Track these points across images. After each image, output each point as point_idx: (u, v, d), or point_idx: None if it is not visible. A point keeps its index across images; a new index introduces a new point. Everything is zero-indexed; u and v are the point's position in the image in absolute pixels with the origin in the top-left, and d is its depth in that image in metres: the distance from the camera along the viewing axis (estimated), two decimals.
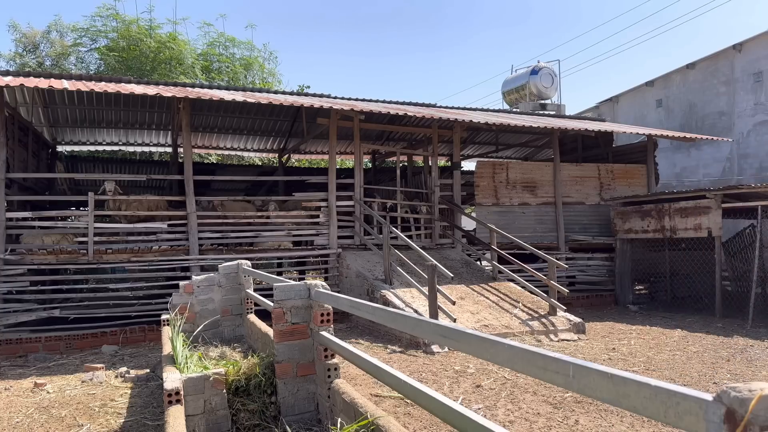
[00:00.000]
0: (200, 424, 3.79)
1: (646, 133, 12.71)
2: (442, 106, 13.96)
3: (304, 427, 3.92)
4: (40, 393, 5.71)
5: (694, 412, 1.09)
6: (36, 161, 11.36)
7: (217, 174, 14.63)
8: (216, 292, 6.65)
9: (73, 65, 20.80)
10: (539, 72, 18.97)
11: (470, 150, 16.47)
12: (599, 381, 1.32)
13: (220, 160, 19.19)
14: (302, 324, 3.95)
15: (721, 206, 9.93)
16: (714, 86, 15.62)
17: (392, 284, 8.81)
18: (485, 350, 1.85)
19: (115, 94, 8.96)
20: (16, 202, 9.01)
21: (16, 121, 9.88)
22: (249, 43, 23.31)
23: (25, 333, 8.20)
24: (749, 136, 14.70)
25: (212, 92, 10.50)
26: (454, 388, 5.30)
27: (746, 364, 6.27)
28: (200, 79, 19.83)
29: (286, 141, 14.91)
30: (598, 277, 12.20)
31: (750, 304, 9.13)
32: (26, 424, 4.72)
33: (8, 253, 8.36)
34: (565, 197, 12.39)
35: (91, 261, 8.74)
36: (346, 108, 10.30)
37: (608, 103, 19.06)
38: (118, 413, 4.93)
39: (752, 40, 14.72)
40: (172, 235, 9.44)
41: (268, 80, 23.45)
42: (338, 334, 3.90)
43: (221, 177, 13.11)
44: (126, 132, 13.77)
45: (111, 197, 9.33)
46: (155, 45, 19.77)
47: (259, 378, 4.11)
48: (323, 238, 10.34)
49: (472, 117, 11.16)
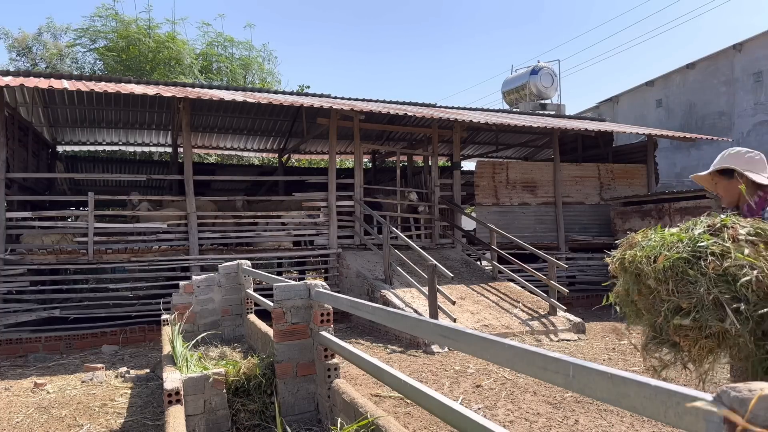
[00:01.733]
0: (200, 424, 3.79)
1: (646, 133, 12.71)
2: (442, 106, 13.96)
3: (304, 427, 3.92)
4: (40, 393, 5.71)
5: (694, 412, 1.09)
6: (36, 161, 11.36)
7: (217, 174, 14.62)
8: (216, 292, 6.64)
9: (68, 67, 20.78)
10: (539, 72, 18.97)
11: (470, 150, 16.47)
12: (599, 381, 1.32)
13: (219, 160, 19.19)
14: (302, 324, 3.95)
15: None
16: (714, 86, 15.62)
17: (392, 284, 8.81)
18: (485, 350, 1.85)
19: (115, 94, 8.96)
20: (16, 202, 9.01)
21: (16, 121, 9.88)
22: (248, 43, 23.34)
23: (25, 333, 8.20)
24: (749, 136, 14.70)
25: (212, 92, 10.50)
26: (454, 388, 5.30)
27: None
28: (199, 79, 19.82)
29: (286, 141, 14.91)
30: (599, 277, 12.20)
31: None
32: (26, 424, 4.72)
33: (8, 253, 8.36)
34: (565, 197, 12.39)
35: (91, 261, 8.74)
36: (346, 108, 10.30)
37: (608, 103, 19.06)
38: (118, 413, 4.93)
39: (752, 40, 14.72)
40: (172, 235, 9.44)
41: (267, 80, 23.44)
42: (338, 334, 3.90)
43: (221, 177, 13.11)
44: (126, 132, 13.77)
45: (142, 213, 9.63)
46: (154, 45, 19.76)
47: (259, 378, 4.11)
48: (323, 238, 10.34)
49: (472, 117, 11.16)
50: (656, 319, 2.07)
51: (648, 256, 2.11)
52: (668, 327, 2.00)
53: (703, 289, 1.91)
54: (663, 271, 2.03)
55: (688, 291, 1.95)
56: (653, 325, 2.10)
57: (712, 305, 1.89)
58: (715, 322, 1.87)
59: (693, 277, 1.95)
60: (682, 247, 2.06)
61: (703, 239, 2.04)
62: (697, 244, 2.03)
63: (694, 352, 1.99)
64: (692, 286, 1.95)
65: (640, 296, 2.13)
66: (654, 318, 2.09)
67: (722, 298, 1.88)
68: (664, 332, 2.05)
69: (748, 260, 1.90)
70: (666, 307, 2.01)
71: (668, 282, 2.01)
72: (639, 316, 2.24)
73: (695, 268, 1.97)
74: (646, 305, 2.12)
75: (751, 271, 1.87)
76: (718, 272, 1.92)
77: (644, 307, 2.13)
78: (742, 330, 1.83)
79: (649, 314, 2.11)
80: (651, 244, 2.16)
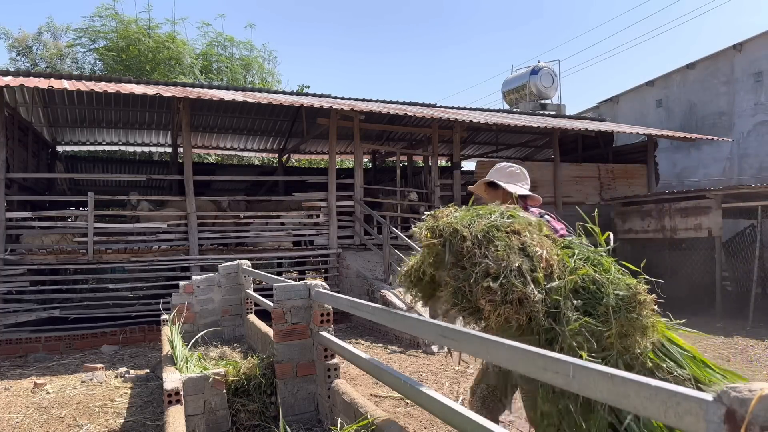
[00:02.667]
0: (200, 424, 3.79)
1: (646, 133, 12.71)
2: (442, 106, 13.96)
3: (304, 427, 3.91)
4: (40, 393, 5.71)
5: (695, 413, 1.09)
6: (36, 161, 11.36)
7: (217, 174, 14.62)
8: (216, 292, 6.64)
9: (68, 67, 20.78)
10: (539, 72, 18.95)
11: (470, 150, 16.47)
12: (599, 381, 1.32)
13: (219, 160, 19.18)
14: (302, 324, 3.95)
15: (721, 206, 9.93)
16: (714, 86, 15.61)
17: (392, 284, 8.81)
18: (485, 350, 1.85)
19: (115, 94, 8.96)
20: (16, 202, 9.01)
21: (16, 121, 9.88)
22: (248, 43, 23.32)
23: (25, 333, 8.19)
24: (749, 136, 14.69)
25: (212, 92, 10.50)
26: (454, 388, 5.30)
27: (746, 365, 6.28)
28: (199, 79, 19.81)
29: (286, 141, 14.91)
30: None
31: (750, 305, 9.12)
32: (26, 424, 4.71)
33: (8, 253, 8.36)
34: (565, 197, 12.38)
35: (90, 261, 8.73)
36: (346, 108, 10.29)
37: (608, 103, 19.05)
38: (118, 413, 4.93)
39: (752, 40, 14.72)
40: (171, 235, 9.44)
41: (267, 80, 23.43)
42: (338, 334, 3.90)
43: (221, 177, 13.11)
44: (126, 132, 13.77)
45: (142, 213, 9.69)
46: (154, 45, 19.75)
47: (259, 378, 4.11)
48: (323, 238, 10.33)
49: (472, 117, 11.16)
50: (463, 285, 2.28)
51: (463, 224, 2.35)
52: (477, 289, 2.21)
53: (513, 255, 2.22)
54: (480, 234, 2.30)
55: (497, 256, 2.22)
56: (458, 291, 2.30)
57: (517, 272, 2.19)
58: (520, 285, 2.16)
59: (504, 246, 2.25)
60: (494, 218, 2.38)
61: (507, 216, 2.41)
62: (501, 220, 2.38)
63: (492, 319, 2.19)
64: (501, 252, 2.24)
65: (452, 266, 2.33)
66: (460, 284, 2.29)
67: (524, 266, 2.21)
68: (470, 297, 2.25)
69: (537, 239, 2.34)
70: (478, 269, 2.23)
71: (481, 247, 2.26)
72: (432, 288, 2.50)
73: (503, 239, 2.28)
74: (454, 273, 2.32)
75: (541, 248, 2.28)
76: (519, 246, 2.28)
77: (451, 276, 2.33)
78: (538, 297, 2.16)
79: (455, 281, 2.31)
80: (460, 216, 2.44)
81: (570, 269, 2.30)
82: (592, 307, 2.21)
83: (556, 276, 2.26)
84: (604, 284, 2.25)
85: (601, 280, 2.26)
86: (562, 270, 2.29)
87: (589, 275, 2.28)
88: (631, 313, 2.14)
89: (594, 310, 2.21)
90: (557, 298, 2.20)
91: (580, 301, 2.23)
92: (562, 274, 2.28)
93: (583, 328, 2.15)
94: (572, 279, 2.25)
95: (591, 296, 2.25)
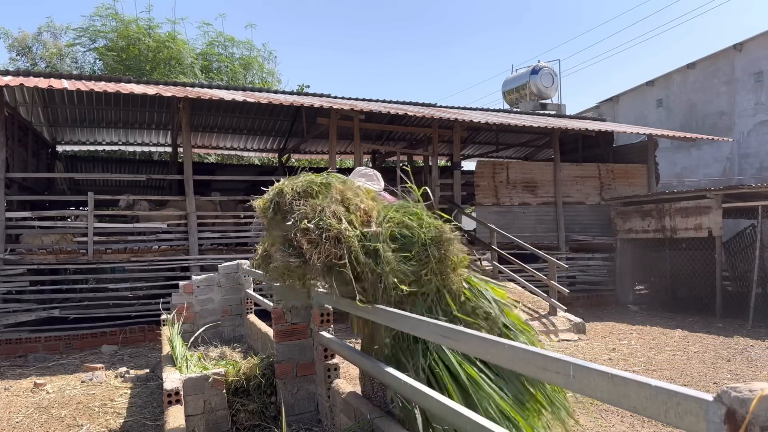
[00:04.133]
0: (200, 424, 3.78)
1: (646, 133, 12.70)
2: (442, 106, 13.95)
3: (304, 427, 3.91)
4: (40, 393, 5.71)
5: (695, 413, 1.08)
6: (36, 161, 11.36)
7: (217, 174, 14.60)
8: (216, 292, 6.64)
9: (68, 66, 20.76)
10: (539, 72, 18.96)
11: (470, 150, 16.46)
12: (599, 381, 1.32)
13: (219, 160, 19.17)
14: (302, 324, 3.95)
15: (721, 206, 9.92)
16: (714, 86, 15.61)
17: None
18: (485, 350, 1.85)
19: (115, 93, 8.95)
20: (16, 202, 9.00)
21: (16, 120, 9.87)
22: (248, 43, 23.29)
23: (24, 333, 8.19)
24: (750, 136, 14.70)
25: (212, 92, 10.50)
26: None
27: (747, 365, 6.27)
28: (200, 78, 19.80)
29: (286, 141, 14.90)
30: (599, 277, 12.19)
31: (750, 304, 9.12)
32: (26, 424, 4.71)
33: (8, 253, 8.35)
34: (565, 197, 12.38)
35: (90, 261, 8.73)
36: (346, 108, 10.29)
37: (608, 103, 19.06)
38: (118, 413, 4.92)
39: (752, 39, 14.72)
40: (171, 235, 9.43)
41: (267, 80, 23.41)
42: (338, 334, 3.90)
43: (221, 177, 13.08)
44: (126, 132, 13.76)
45: (142, 213, 9.73)
46: (154, 45, 19.73)
47: (258, 378, 4.11)
48: None
49: (472, 117, 11.15)
50: (287, 233, 2.79)
51: (291, 188, 2.98)
52: (297, 232, 2.70)
53: (330, 203, 2.78)
54: (300, 188, 2.91)
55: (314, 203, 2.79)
56: (284, 240, 2.83)
57: (332, 215, 2.70)
58: (335, 224, 2.64)
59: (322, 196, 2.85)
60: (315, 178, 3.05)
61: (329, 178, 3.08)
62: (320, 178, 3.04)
63: (314, 258, 2.62)
64: (318, 200, 2.82)
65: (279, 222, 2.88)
66: (285, 232, 2.82)
67: (340, 210, 2.76)
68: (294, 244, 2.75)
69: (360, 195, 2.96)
70: (297, 214, 2.74)
71: (301, 199, 2.84)
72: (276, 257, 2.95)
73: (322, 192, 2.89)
74: (281, 227, 2.88)
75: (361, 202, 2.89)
76: (339, 198, 2.84)
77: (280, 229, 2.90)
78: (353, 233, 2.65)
79: (282, 231, 2.85)
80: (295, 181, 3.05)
81: (387, 218, 2.83)
82: (408, 250, 2.69)
83: (375, 225, 2.76)
84: (414, 227, 2.72)
85: (411, 223, 2.74)
86: (382, 221, 2.81)
87: (403, 221, 2.78)
88: (440, 249, 2.61)
89: (410, 251, 2.67)
90: (378, 244, 2.65)
91: (397, 245, 2.70)
92: (382, 224, 2.79)
93: (401, 263, 2.61)
94: (389, 226, 2.76)
95: (406, 240, 2.72)
